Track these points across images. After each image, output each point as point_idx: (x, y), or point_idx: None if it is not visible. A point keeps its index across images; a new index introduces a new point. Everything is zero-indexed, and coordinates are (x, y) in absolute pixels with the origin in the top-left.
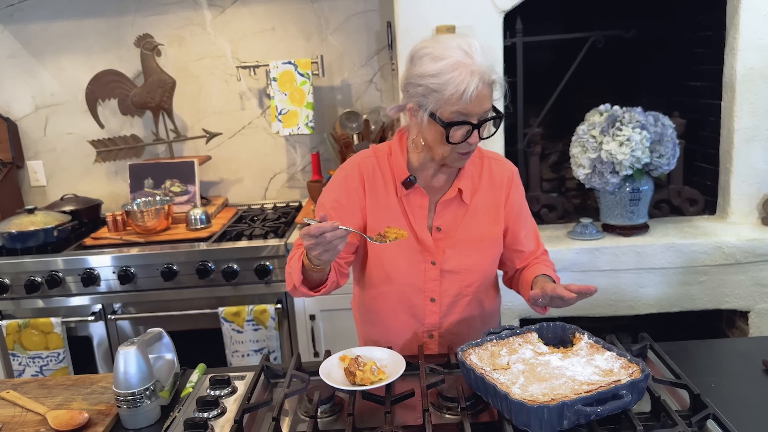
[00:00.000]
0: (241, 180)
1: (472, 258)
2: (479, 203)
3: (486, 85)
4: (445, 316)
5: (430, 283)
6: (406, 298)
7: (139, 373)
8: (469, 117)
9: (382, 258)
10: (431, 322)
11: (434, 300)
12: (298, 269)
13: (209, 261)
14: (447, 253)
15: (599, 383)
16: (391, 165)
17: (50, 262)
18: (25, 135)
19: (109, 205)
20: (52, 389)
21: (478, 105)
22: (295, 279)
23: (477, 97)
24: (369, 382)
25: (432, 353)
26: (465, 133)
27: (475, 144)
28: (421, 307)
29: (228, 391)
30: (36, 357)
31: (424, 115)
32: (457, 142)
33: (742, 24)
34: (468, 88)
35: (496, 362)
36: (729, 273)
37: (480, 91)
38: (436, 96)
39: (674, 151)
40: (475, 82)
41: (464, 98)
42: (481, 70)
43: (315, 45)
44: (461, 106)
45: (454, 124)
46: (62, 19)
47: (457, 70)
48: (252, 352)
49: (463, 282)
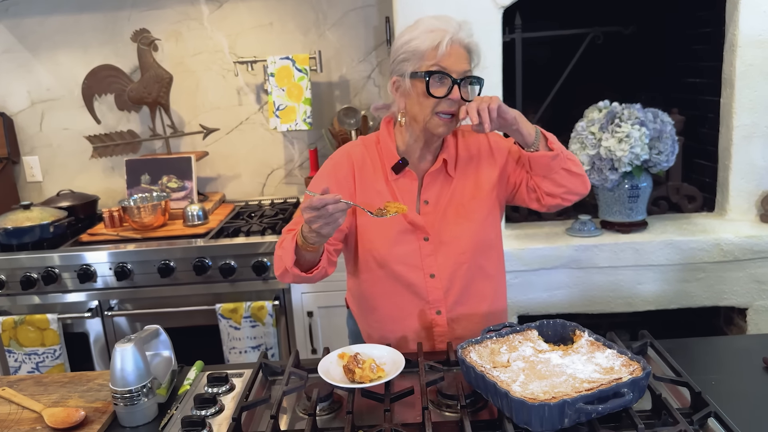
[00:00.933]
0: (239, 176)
1: (461, 225)
2: (462, 173)
3: (461, 45)
4: (449, 290)
5: (427, 258)
6: (404, 279)
7: (136, 370)
8: (448, 71)
9: (374, 245)
10: (435, 297)
11: (434, 275)
12: (291, 250)
13: (206, 257)
14: (436, 226)
15: (600, 381)
16: (380, 152)
17: (46, 258)
18: (20, 130)
19: (105, 201)
20: (48, 386)
21: (456, 62)
22: (287, 260)
23: (453, 53)
24: (368, 380)
25: (444, 329)
26: (446, 88)
27: (456, 101)
28: (422, 285)
29: (226, 388)
30: (32, 353)
31: (406, 80)
32: (439, 96)
33: (741, 20)
34: (442, 42)
35: (496, 360)
36: (727, 270)
37: (455, 48)
38: (415, 55)
39: (673, 148)
40: (448, 36)
41: (440, 51)
42: (454, 30)
43: (313, 40)
44: (438, 59)
45: (433, 73)
46: (58, 13)
47: (433, 32)
48: (249, 348)
49: (457, 250)
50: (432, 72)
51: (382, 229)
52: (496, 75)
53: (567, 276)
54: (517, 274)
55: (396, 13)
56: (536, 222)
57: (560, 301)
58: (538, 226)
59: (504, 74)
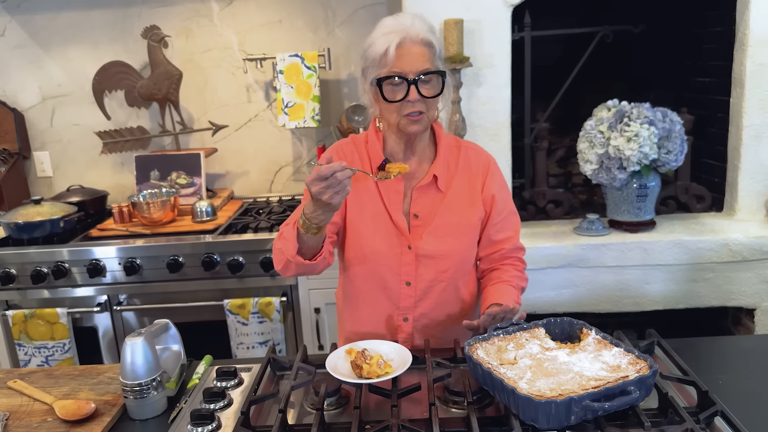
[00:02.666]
0: (247, 173)
1: (449, 244)
2: (456, 190)
3: (415, 43)
4: (420, 300)
5: (406, 266)
6: (382, 280)
7: (146, 363)
8: (402, 73)
9: (361, 240)
10: (406, 305)
11: (410, 284)
12: (293, 237)
13: (215, 253)
14: (424, 238)
15: (607, 379)
16: (368, 151)
17: (56, 253)
18: (31, 126)
19: (115, 197)
20: (59, 379)
21: (410, 61)
22: (290, 249)
23: (406, 54)
24: (375, 376)
25: (406, 336)
26: (403, 90)
27: (415, 100)
28: (396, 290)
29: (234, 382)
30: (42, 347)
31: (370, 87)
32: (395, 99)
33: (751, 20)
34: (390, 44)
35: (503, 357)
36: (736, 270)
37: (407, 48)
38: (373, 62)
39: (682, 148)
40: (398, 38)
41: (389, 55)
42: (405, 29)
43: (322, 38)
44: (390, 64)
45: (385, 79)
46: (69, 9)
47: (386, 35)
48: (257, 344)
49: (439, 267)
50: (383, 78)
51: (368, 227)
52: (505, 74)
53: (574, 275)
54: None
55: (405, 10)
56: (544, 221)
57: (567, 300)
58: (546, 225)
59: (513, 73)
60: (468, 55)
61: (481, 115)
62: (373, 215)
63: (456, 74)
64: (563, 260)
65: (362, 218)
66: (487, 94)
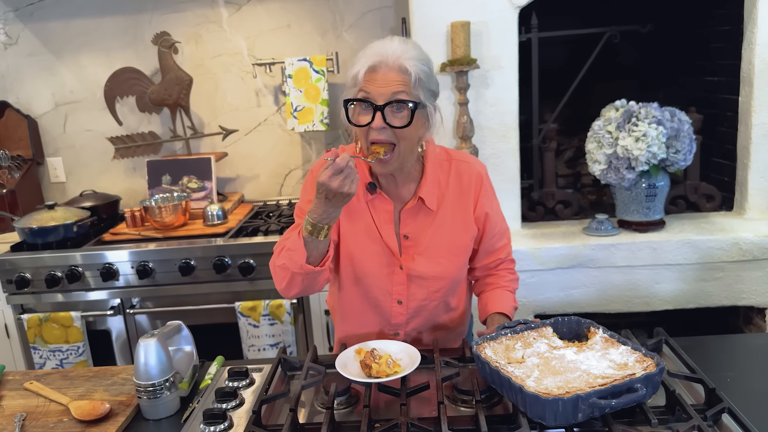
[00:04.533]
0: (257, 176)
1: (441, 265)
2: (448, 209)
3: (391, 69)
4: (412, 318)
5: (398, 286)
6: (374, 299)
7: (159, 364)
8: (371, 98)
9: (353, 259)
10: (397, 322)
11: (401, 302)
12: (300, 247)
13: (226, 256)
14: (416, 259)
15: (614, 377)
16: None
17: (70, 257)
18: (45, 132)
19: (127, 201)
20: (74, 380)
21: (382, 85)
22: (298, 259)
23: (378, 78)
24: (384, 375)
25: None
26: (368, 115)
27: (379, 128)
28: (388, 309)
29: (246, 382)
30: (56, 350)
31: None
32: (359, 124)
33: (760, 18)
34: (362, 68)
35: (510, 356)
36: (746, 269)
37: (381, 72)
38: (349, 83)
39: (691, 147)
40: (372, 60)
41: (358, 77)
42: (385, 53)
43: (330, 42)
44: (359, 85)
45: (352, 101)
46: (81, 17)
47: (365, 57)
48: (268, 346)
49: (431, 288)
50: (350, 99)
51: (359, 246)
52: (512, 75)
53: (584, 275)
54: (534, 273)
55: (412, 14)
56: (553, 221)
57: (577, 301)
58: (555, 225)
59: (520, 74)
60: (475, 57)
61: (489, 116)
62: (365, 235)
63: (463, 76)
64: (573, 261)
65: (354, 237)
66: (495, 96)
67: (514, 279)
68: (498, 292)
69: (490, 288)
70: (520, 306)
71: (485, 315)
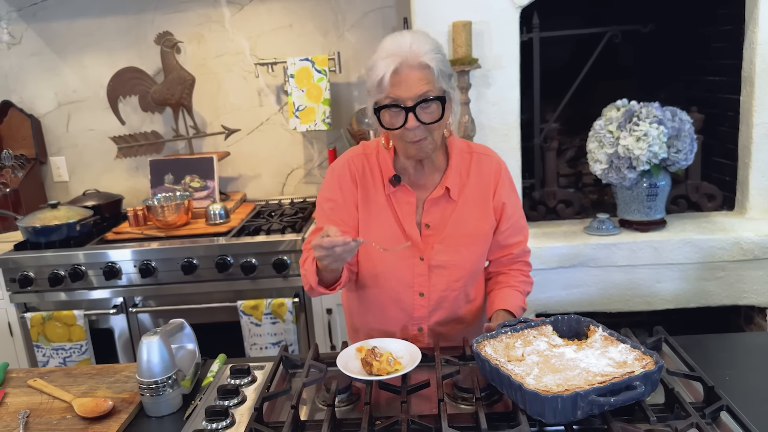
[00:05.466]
0: (259, 176)
1: (461, 254)
2: (468, 199)
3: (412, 68)
4: (434, 311)
5: (419, 278)
6: (395, 294)
7: (162, 362)
8: (400, 101)
9: (372, 255)
10: (420, 315)
11: (423, 294)
12: (313, 272)
13: (228, 255)
14: (435, 248)
15: (613, 374)
16: (379, 162)
17: (73, 256)
18: (48, 131)
19: (130, 200)
20: (77, 378)
21: (408, 88)
22: (311, 280)
23: (404, 80)
24: (385, 372)
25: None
26: (402, 118)
27: (413, 128)
28: (410, 302)
29: (248, 380)
30: (59, 348)
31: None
32: (393, 127)
33: (761, 18)
34: (386, 73)
35: (510, 354)
36: (747, 269)
37: (404, 75)
38: (373, 88)
39: (692, 147)
40: (392, 65)
41: (383, 83)
42: (402, 53)
43: (332, 41)
44: (386, 91)
45: (382, 108)
46: (84, 17)
47: (385, 59)
48: (270, 345)
49: (451, 277)
50: (381, 107)
51: (380, 240)
52: (514, 75)
53: (585, 274)
54: (536, 272)
55: (414, 14)
56: (554, 220)
57: (578, 300)
58: (557, 224)
59: (522, 73)
60: (477, 57)
61: (491, 116)
62: (385, 228)
63: (465, 76)
64: (574, 260)
65: (374, 233)
66: (497, 95)
67: (526, 281)
68: (506, 290)
69: (499, 287)
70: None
71: (491, 312)
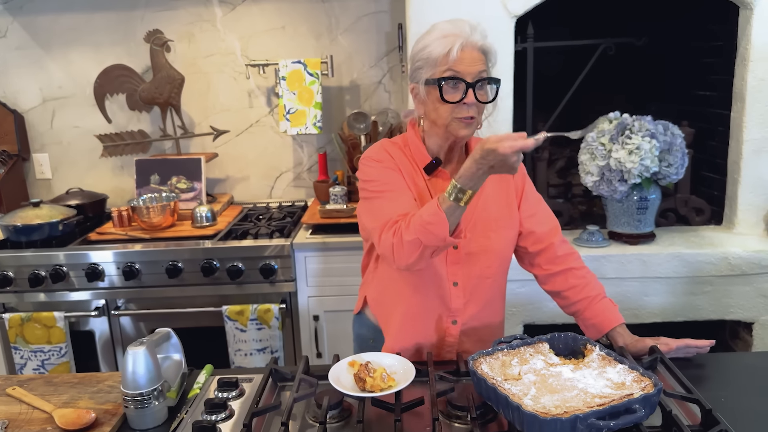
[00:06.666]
0: (247, 178)
1: (491, 239)
2: (489, 186)
3: (474, 48)
4: (469, 301)
5: (452, 266)
6: (431, 281)
7: (148, 373)
8: (461, 75)
9: None
10: (457, 306)
11: (457, 284)
12: (443, 218)
13: (214, 259)
14: (467, 236)
15: (612, 396)
16: (410, 154)
17: (54, 256)
18: (31, 127)
19: (114, 200)
20: (58, 387)
21: (470, 64)
22: (442, 231)
23: (466, 57)
24: (379, 389)
25: (454, 340)
26: (460, 92)
27: (472, 104)
28: (447, 291)
29: (236, 393)
30: (38, 351)
31: (422, 87)
32: (453, 101)
33: (754, 35)
34: (453, 47)
35: (507, 372)
36: (734, 284)
37: (468, 52)
38: (428, 63)
39: (683, 161)
40: (460, 41)
41: (451, 56)
42: (465, 34)
43: (325, 45)
44: (450, 64)
45: (446, 79)
46: (72, 11)
47: (446, 38)
48: (255, 351)
49: (483, 263)
50: (445, 78)
51: None
52: (507, 84)
53: None
54: (524, 282)
55: (409, 20)
56: None
57: None
58: None
59: (515, 83)
60: None
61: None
62: None
63: None
64: None
65: None
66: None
67: (590, 274)
68: (606, 303)
69: (595, 300)
70: (510, 316)
71: (606, 330)
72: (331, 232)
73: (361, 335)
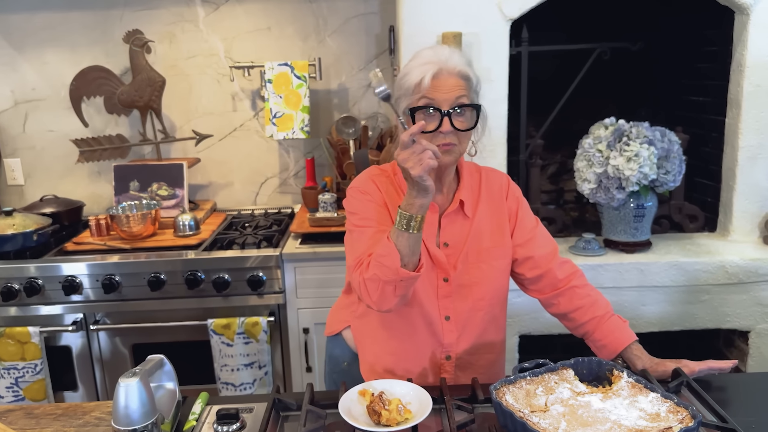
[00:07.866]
0: (231, 184)
1: (482, 270)
2: (482, 215)
3: (452, 74)
4: (462, 335)
5: (444, 300)
6: (423, 316)
7: (142, 407)
8: (436, 103)
9: None
10: (449, 341)
11: (449, 318)
12: (392, 249)
13: (199, 270)
14: (458, 268)
15: (648, 429)
16: (398, 183)
17: (28, 268)
18: (2, 131)
19: (91, 208)
20: (40, 419)
21: (446, 91)
22: (392, 262)
23: (441, 84)
24: (395, 423)
25: (450, 376)
26: (436, 121)
27: (447, 132)
28: (439, 327)
29: (236, 426)
30: (11, 368)
31: (403, 117)
32: (427, 130)
33: (750, 41)
34: (426, 74)
35: (533, 403)
36: (731, 292)
37: (443, 79)
38: (407, 92)
39: (680, 168)
40: (434, 68)
41: (423, 84)
42: (442, 60)
43: (312, 47)
44: (424, 92)
45: (418, 109)
46: (47, 10)
47: (423, 65)
48: (242, 366)
49: (476, 295)
50: (417, 108)
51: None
52: (502, 89)
53: None
54: (520, 292)
55: (402, 23)
56: None
57: None
58: None
59: (509, 87)
60: None
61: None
62: None
63: None
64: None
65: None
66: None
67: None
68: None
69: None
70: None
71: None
72: (321, 241)
73: (334, 356)
